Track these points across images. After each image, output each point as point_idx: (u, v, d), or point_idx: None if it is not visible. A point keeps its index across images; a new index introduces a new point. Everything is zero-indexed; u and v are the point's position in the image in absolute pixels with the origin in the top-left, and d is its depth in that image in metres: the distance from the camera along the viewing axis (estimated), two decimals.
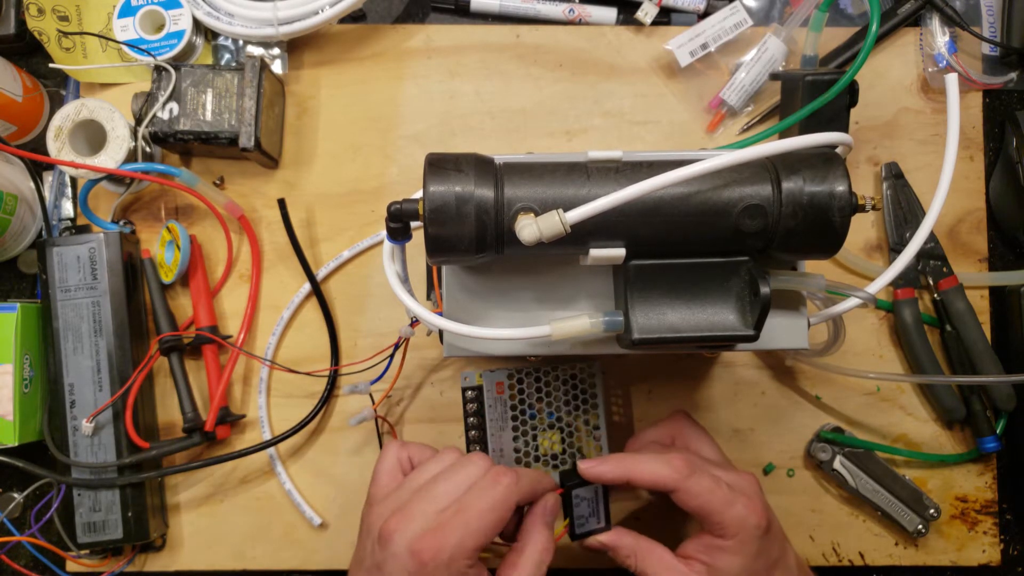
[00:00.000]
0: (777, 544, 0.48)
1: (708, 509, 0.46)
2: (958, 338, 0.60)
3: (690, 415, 0.56)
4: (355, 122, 0.63)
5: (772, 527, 0.47)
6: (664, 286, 0.41)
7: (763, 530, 0.46)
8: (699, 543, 0.47)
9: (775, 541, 0.48)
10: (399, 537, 0.42)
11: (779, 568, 0.48)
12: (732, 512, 0.46)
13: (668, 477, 0.46)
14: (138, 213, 0.63)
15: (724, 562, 0.46)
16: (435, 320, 0.43)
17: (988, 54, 0.63)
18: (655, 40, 0.64)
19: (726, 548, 0.46)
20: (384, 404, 0.61)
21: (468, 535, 0.42)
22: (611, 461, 0.48)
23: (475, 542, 0.42)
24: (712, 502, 0.46)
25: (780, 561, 0.48)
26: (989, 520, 0.61)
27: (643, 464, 0.48)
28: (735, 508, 0.46)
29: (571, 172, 0.40)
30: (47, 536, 0.59)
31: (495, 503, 0.43)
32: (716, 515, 0.46)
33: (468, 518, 0.42)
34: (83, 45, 0.63)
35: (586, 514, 0.50)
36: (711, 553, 0.46)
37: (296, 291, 0.62)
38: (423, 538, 0.42)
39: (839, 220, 0.39)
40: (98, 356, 0.57)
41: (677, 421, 0.55)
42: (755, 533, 0.46)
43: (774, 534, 0.48)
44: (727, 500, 0.46)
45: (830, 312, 0.47)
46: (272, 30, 0.60)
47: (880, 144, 0.63)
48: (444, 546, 0.41)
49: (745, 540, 0.46)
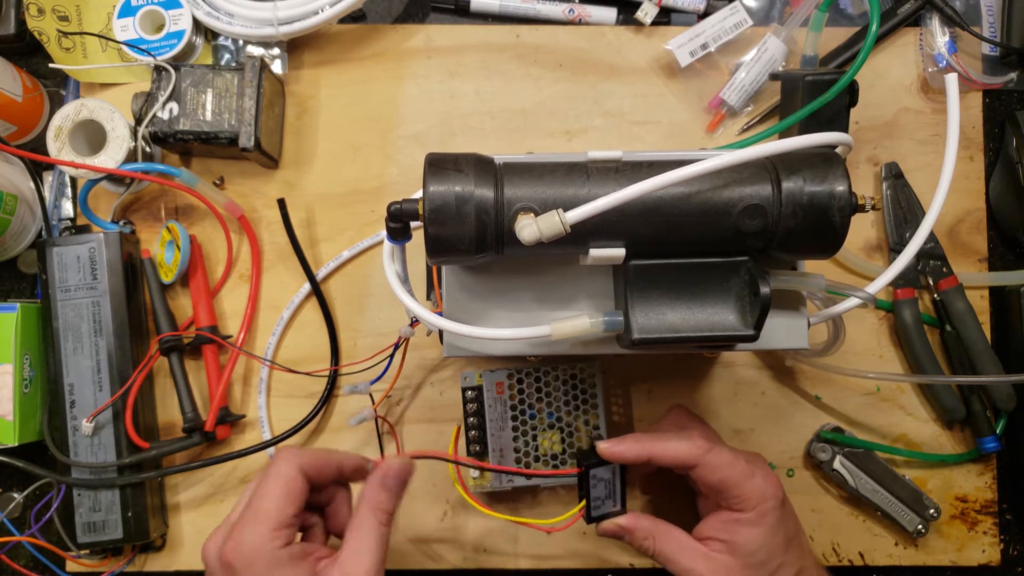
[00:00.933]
0: (792, 520, 0.48)
1: (729, 482, 0.46)
2: (958, 338, 0.60)
3: (686, 407, 0.56)
4: (355, 122, 0.63)
5: (787, 504, 0.48)
6: (664, 286, 0.41)
7: (780, 501, 0.47)
8: (716, 520, 0.47)
9: (791, 517, 0.48)
10: (210, 555, 0.43)
11: (794, 545, 0.48)
12: (752, 483, 0.46)
13: (689, 452, 0.47)
14: (138, 213, 0.63)
15: (744, 536, 0.46)
16: (435, 320, 0.43)
17: (988, 54, 0.63)
18: (655, 40, 0.64)
19: (745, 520, 0.46)
20: (384, 404, 0.61)
21: (258, 520, 0.42)
22: (631, 440, 0.48)
23: (268, 523, 0.42)
24: (732, 475, 0.46)
25: (795, 538, 0.48)
26: (989, 520, 0.61)
27: (663, 441, 0.48)
28: (755, 479, 0.46)
29: (571, 172, 0.40)
30: (47, 536, 0.59)
31: (272, 477, 0.44)
32: (736, 487, 0.46)
33: (254, 506, 0.43)
34: (83, 45, 0.63)
35: (602, 496, 0.50)
36: (730, 529, 0.46)
37: (296, 291, 0.62)
38: (226, 543, 0.43)
39: (839, 220, 0.39)
40: (98, 356, 0.57)
41: (678, 413, 0.56)
42: (773, 504, 0.46)
43: (789, 510, 0.48)
44: (746, 472, 0.46)
45: (830, 312, 0.47)
46: (272, 30, 0.60)
47: (880, 144, 0.63)
48: (241, 540, 0.42)
49: (765, 512, 0.46)
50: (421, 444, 0.61)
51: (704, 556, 0.47)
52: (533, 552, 0.60)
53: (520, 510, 0.60)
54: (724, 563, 0.46)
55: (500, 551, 0.60)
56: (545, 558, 0.60)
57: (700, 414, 0.61)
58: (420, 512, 0.61)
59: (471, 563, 0.60)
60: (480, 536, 0.60)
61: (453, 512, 0.61)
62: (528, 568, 0.60)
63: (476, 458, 0.58)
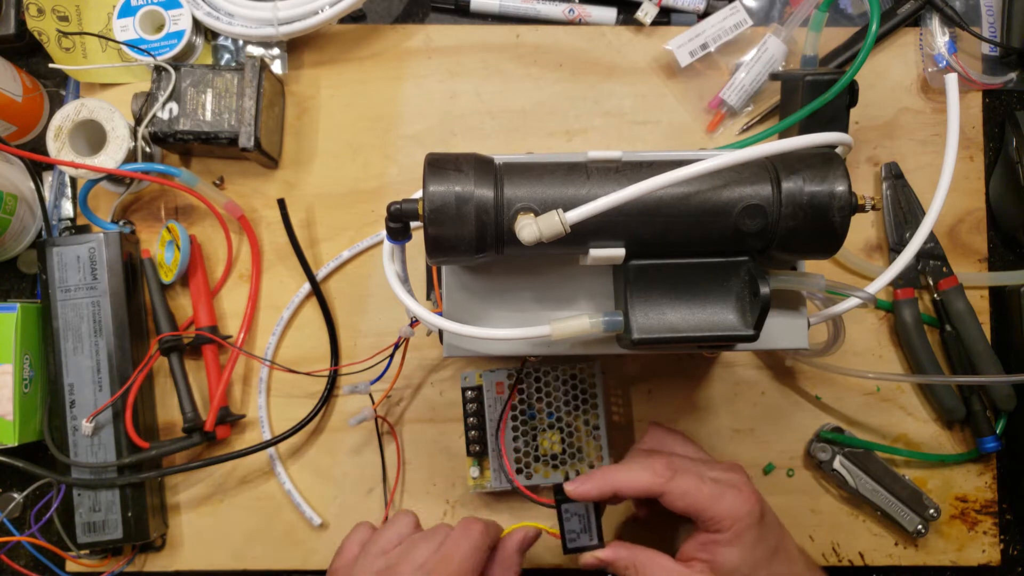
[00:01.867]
0: (774, 532, 0.48)
1: (697, 507, 0.46)
2: (958, 338, 0.60)
3: (662, 424, 0.56)
4: (355, 122, 0.63)
5: (766, 515, 0.48)
6: (664, 286, 0.41)
7: (757, 517, 0.46)
8: (696, 542, 0.47)
9: (771, 529, 0.48)
10: None
11: (779, 556, 0.47)
12: (722, 505, 0.46)
13: (652, 482, 0.47)
14: (138, 213, 0.63)
15: (724, 556, 0.46)
16: (435, 320, 0.43)
17: (988, 54, 0.63)
18: (655, 40, 0.64)
19: (723, 541, 0.46)
20: (384, 404, 0.61)
21: None
22: (595, 478, 0.49)
23: None
24: (700, 499, 0.46)
25: (780, 548, 0.48)
26: (989, 520, 0.61)
27: (625, 474, 0.48)
28: (725, 500, 0.46)
29: (571, 172, 0.40)
30: (47, 536, 0.59)
31: (474, 545, 0.46)
32: (706, 511, 0.46)
33: (452, 565, 0.45)
34: (83, 45, 0.63)
35: (577, 529, 0.50)
36: (710, 549, 0.46)
37: (296, 291, 0.62)
38: None
39: (839, 220, 0.39)
40: (98, 356, 0.57)
41: (653, 433, 0.55)
42: (749, 521, 0.46)
43: (769, 522, 0.48)
44: (714, 495, 0.46)
45: (830, 312, 0.47)
46: (272, 30, 0.60)
47: (880, 144, 0.63)
48: None
49: (740, 530, 0.46)
50: (421, 444, 0.61)
51: None
52: (533, 552, 0.60)
53: (520, 509, 0.60)
54: None
55: None
56: (545, 558, 0.60)
57: (700, 414, 0.61)
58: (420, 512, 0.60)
59: None
60: None
61: (453, 512, 0.61)
62: (528, 568, 0.60)
63: (476, 458, 0.58)
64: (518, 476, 0.58)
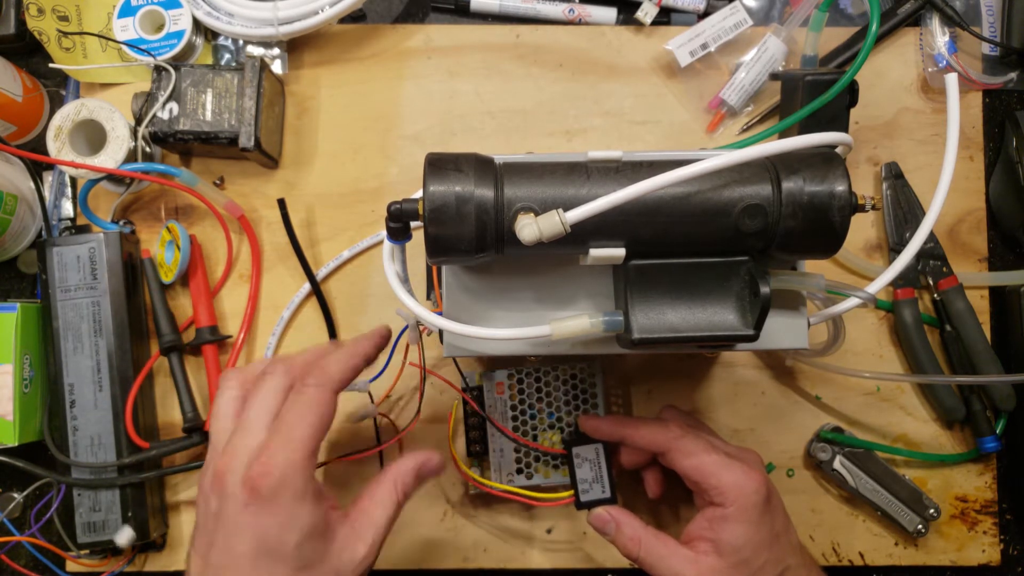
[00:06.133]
0: (779, 518, 0.48)
1: (703, 470, 0.46)
2: (958, 338, 0.60)
3: (679, 409, 0.57)
4: (355, 122, 0.63)
5: (773, 499, 0.48)
6: (664, 286, 0.41)
7: (763, 496, 0.46)
8: (701, 519, 0.47)
9: (777, 514, 0.48)
10: (230, 477, 0.40)
11: (781, 541, 0.47)
12: (728, 475, 0.46)
13: (661, 436, 0.47)
14: (138, 213, 0.63)
15: (728, 532, 0.46)
16: (435, 320, 0.43)
17: (988, 54, 0.63)
18: (655, 40, 0.64)
19: (728, 516, 0.46)
20: (384, 403, 0.61)
21: (292, 448, 0.40)
22: (608, 419, 0.50)
23: (302, 452, 0.40)
24: (706, 464, 0.46)
25: (783, 535, 0.48)
26: (989, 520, 0.61)
27: (639, 425, 0.49)
28: (732, 472, 0.46)
29: (571, 172, 0.40)
30: (47, 536, 0.59)
31: (307, 404, 0.42)
32: (712, 477, 0.46)
33: (288, 431, 0.40)
34: (83, 45, 0.63)
35: (589, 479, 0.50)
36: (714, 527, 0.46)
37: (296, 291, 0.62)
38: (250, 467, 0.40)
39: (839, 220, 0.39)
40: (98, 356, 0.57)
41: (670, 412, 0.56)
42: (755, 499, 0.46)
43: (775, 506, 0.48)
44: (722, 463, 0.46)
45: (830, 312, 0.47)
46: (272, 30, 0.60)
47: (880, 144, 0.63)
48: (271, 467, 0.39)
49: (746, 506, 0.46)
50: (421, 443, 0.61)
51: (691, 560, 0.46)
52: (533, 552, 0.60)
53: (519, 508, 0.60)
54: (711, 565, 0.46)
55: (500, 551, 0.60)
56: (545, 558, 0.60)
57: (700, 414, 0.61)
58: (420, 512, 0.61)
59: (471, 563, 0.60)
60: (480, 536, 0.60)
61: (453, 512, 0.61)
62: (528, 568, 0.60)
63: (476, 458, 0.59)
64: (518, 476, 0.58)
